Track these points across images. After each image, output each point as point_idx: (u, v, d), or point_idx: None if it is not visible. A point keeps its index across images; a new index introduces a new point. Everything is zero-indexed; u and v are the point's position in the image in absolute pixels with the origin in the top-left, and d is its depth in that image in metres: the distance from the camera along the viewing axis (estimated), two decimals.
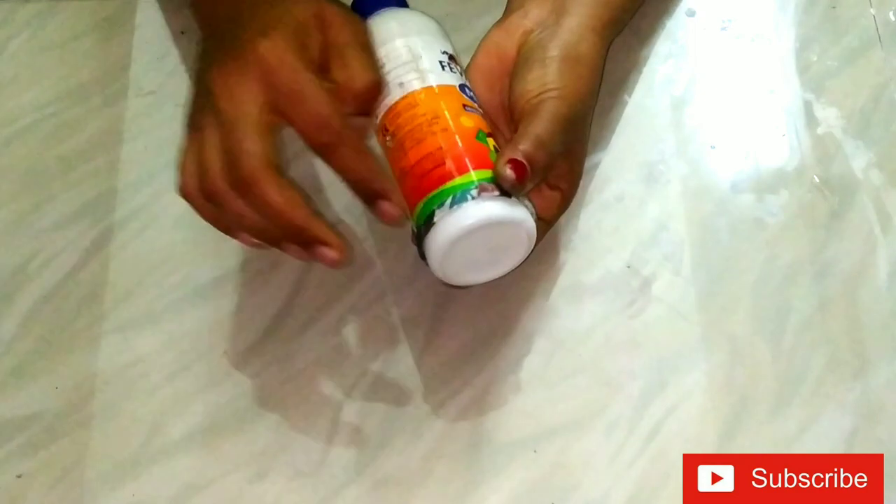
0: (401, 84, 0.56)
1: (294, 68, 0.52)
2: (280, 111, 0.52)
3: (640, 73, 0.69)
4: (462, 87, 0.57)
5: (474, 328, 0.60)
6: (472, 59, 0.60)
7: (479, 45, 0.60)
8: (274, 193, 0.51)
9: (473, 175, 0.53)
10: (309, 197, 0.56)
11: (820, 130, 0.66)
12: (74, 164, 0.66)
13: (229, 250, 0.63)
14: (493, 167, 0.54)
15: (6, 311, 0.61)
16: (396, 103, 0.56)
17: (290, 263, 0.62)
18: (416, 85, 0.56)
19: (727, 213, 0.64)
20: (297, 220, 0.52)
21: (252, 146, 0.51)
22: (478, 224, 0.53)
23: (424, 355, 0.60)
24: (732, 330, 0.60)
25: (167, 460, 0.57)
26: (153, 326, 0.61)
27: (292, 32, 0.53)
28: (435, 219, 0.53)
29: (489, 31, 0.60)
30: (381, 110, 0.56)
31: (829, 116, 0.67)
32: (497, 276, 0.57)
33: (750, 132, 0.67)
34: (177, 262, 0.63)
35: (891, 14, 0.70)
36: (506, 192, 0.53)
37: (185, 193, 0.54)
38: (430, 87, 0.56)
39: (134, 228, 0.64)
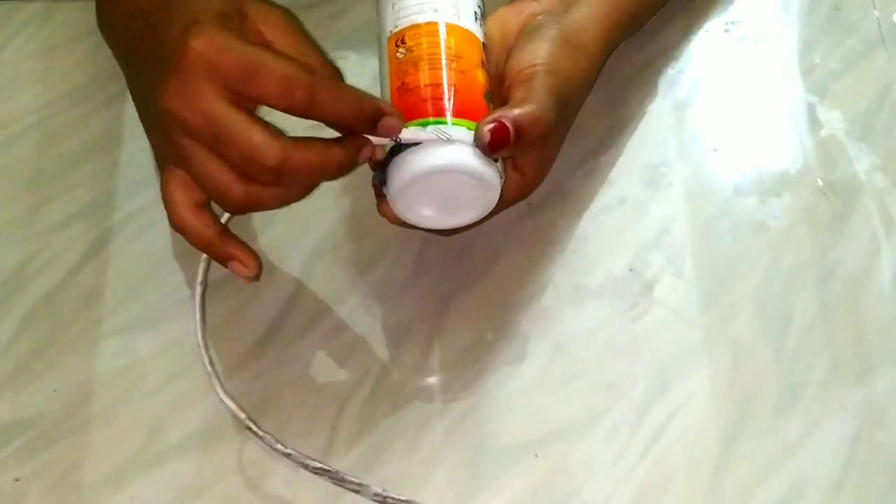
0: (435, 10, 0.55)
1: (235, 49, 0.49)
2: (246, 95, 0.50)
3: (643, 74, 0.68)
4: (483, 45, 0.57)
5: (475, 331, 0.60)
6: None
7: (486, 18, 0.60)
8: (313, 156, 0.51)
9: (465, 126, 0.53)
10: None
11: (823, 133, 0.66)
12: (73, 166, 0.66)
13: None
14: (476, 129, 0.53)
15: (4, 313, 0.61)
16: (426, 24, 0.55)
17: (290, 265, 0.62)
18: (450, 18, 0.56)
19: (730, 216, 0.64)
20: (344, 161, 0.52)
21: (260, 136, 0.49)
22: (447, 167, 0.53)
23: (424, 359, 0.59)
24: (735, 334, 0.60)
25: (166, 464, 0.57)
26: (152, 329, 0.60)
27: (217, 19, 0.50)
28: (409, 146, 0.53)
29: (499, 8, 0.61)
30: (405, 22, 0.55)
31: (832, 119, 0.66)
32: (445, 227, 0.57)
33: (753, 134, 0.67)
34: (176, 264, 0.62)
35: (895, 16, 0.70)
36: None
37: (180, 226, 0.54)
38: (463, 29, 0.56)
39: (133, 230, 0.64)
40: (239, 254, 0.55)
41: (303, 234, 0.63)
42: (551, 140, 0.58)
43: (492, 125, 0.53)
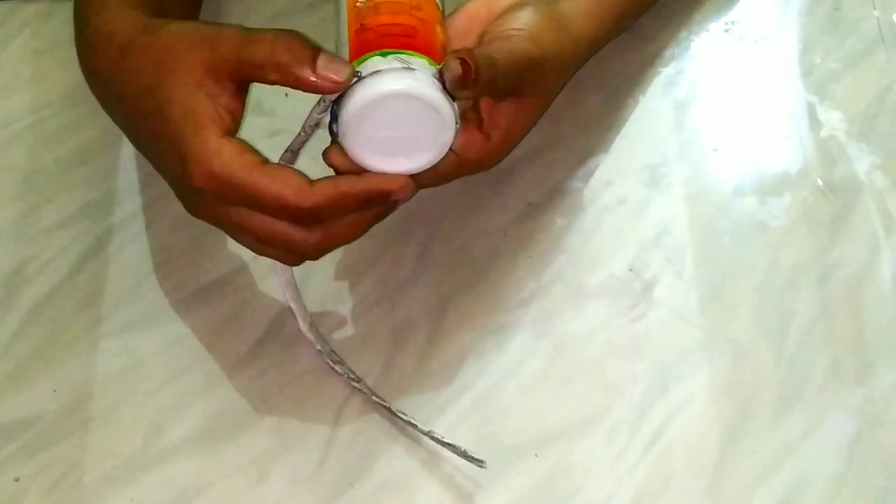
0: None
1: (235, 182, 0.51)
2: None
3: (643, 75, 0.68)
4: (441, 11, 0.57)
5: (474, 331, 0.60)
6: (462, 5, 0.59)
7: None
8: (343, 188, 0.52)
9: (426, 60, 0.52)
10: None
11: (823, 133, 0.66)
12: (73, 166, 0.66)
13: (228, 253, 0.62)
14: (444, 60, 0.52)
15: (4, 314, 0.61)
16: None
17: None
18: None
19: (730, 216, 0.64)
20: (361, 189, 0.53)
21: (277, 186, 0.51)
22: (405, 92, 0.51)
23: (425, 359, 0.59)
24: (735, 334, 0.60)
25: (166, 464, 0.57)
26: (152, 329, 0.60)
27: (206, 140, 0.52)
28: (363, 74, 0.52)
29: None
30: None
31: (832, 119, 0.66)
32: (396, 170, 0.54)
33: (753, 134, 0.67)
34: (175, 264, 0.62)
35: (895, 16, 0.70)
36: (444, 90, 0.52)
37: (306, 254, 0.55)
38: None
39: (133, 230, 0.64)
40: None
41: None
42: (522, 112, 0.57)
43: (461, 58, 0.52)
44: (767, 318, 0.60)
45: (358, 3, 0.55)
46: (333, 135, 0.54)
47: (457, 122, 0.53)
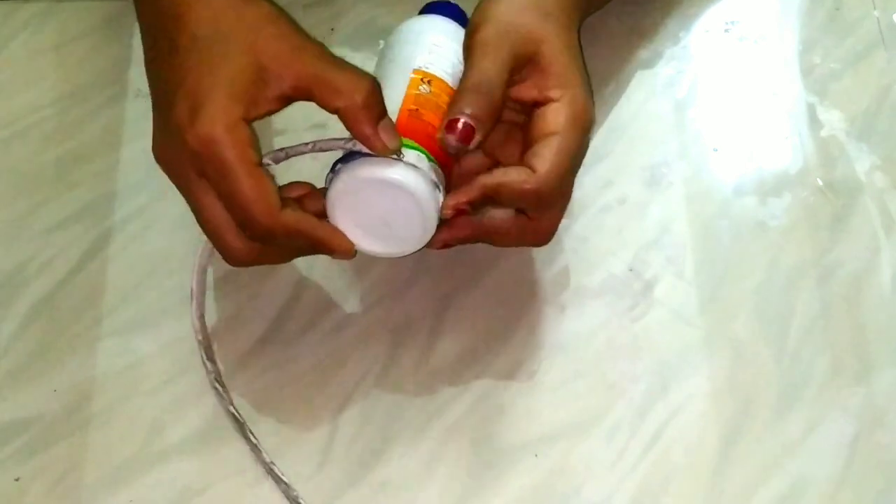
0: (453, 76, 0.57)
1: (221, 161, 0.51)
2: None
3: (643, 75, 0.68)
4: None
5: (475, 331, 0.60)
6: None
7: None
8: (305, 226, 0.53)
9: (424, 153, 0.54)
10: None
11: (823, 133, 0.66)
12: (73, 166, 0.66)
13: None
14: (438, 133, 0.54)
15: (4, 314, 0.61)
16: (448, 86, 0.57)
17: (289, 266, 0.62)
18: (451, 83, 0.57)
19: (730, 216, 0.64)
20: (311, 235, 0.54)
21: (253, 193, 0.51)
22: (392, 182, 0.53)
23: (425, 359, 0.59)
24: (735, 334, 0.60)
25: (165, 464, 0.57)
26: (152, 329, 0.60)
27: (224, 105, 0.51)
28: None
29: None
30: (436, 71, 0.57)
31: (832, 119, 0.66)
32: (371, 251, 0.56)
33: (753, 135, 0.67)
34: (175, 264, 0.62)
35: (894, 16, 0.70)
36: (434, 181, 0.54)
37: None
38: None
39: (133, 231, 0.64)
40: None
41: None
42: (552, 55, 0.56)
43: (447, 128, 0.53)
44: (767, 318, 0.60)
45: (421, 89, 0.56)
46: (327, 180, 0.55)
47: (438, 212, 0.55)
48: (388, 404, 0.58)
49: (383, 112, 0.53)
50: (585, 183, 0.64)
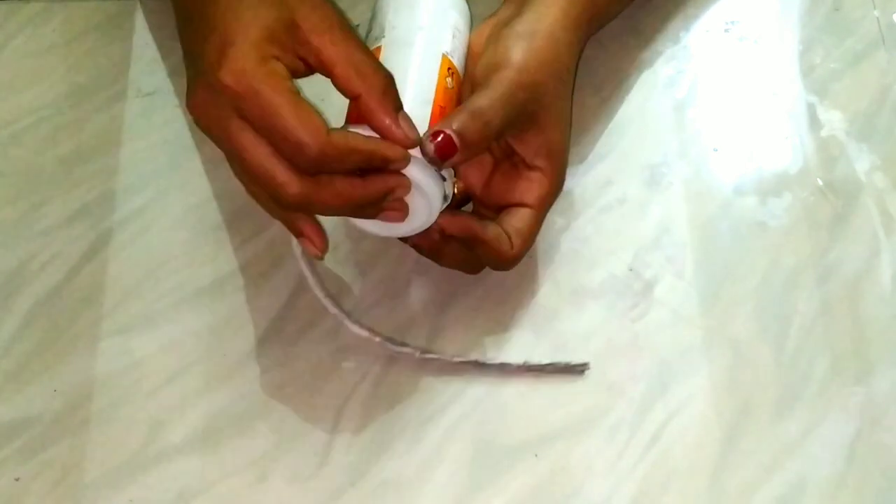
0: (461, 70, 0.58)
1: (257, 96, 0.50)
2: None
3: (643, 74, 0.68)
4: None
5: (475, 331, 0.60)
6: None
7: None
8: (358, 145, 0.52)
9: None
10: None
11: (823, 133, 0.66)
12: (73, 166, 0.66)
13: (229, 253, 0.62)
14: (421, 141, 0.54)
15: (5, 313, 0.61)
16: (461, 76, 0.58)
17: (290, 265, 0.62)
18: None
19: (730, 216, 0.64)
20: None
21: (298, 119, 0.50)
22: None
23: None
24: (735, 333, 0.60)
25: (166, 464, 0.57)
26: (152, 329, 0.60)
27: (256, 44, 0.50)
28: None
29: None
30: (457, 61, 0.58)
31: (832, 119, 0.66)
32: (390, 236, 0.58)
33: (753, 134, 0.67)
34: (176, 264, 0.62)
35: (894, 16, 0.70)
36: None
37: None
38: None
39: (133, 230, 0.64)
40: (309, 231, 0.56)
41: None
42: (540, 122, 0.58)
43: (432, 137, 0.53)
44: (767, 318, 0.60)
45: (448, 82, 0.57)
46: None
47: (447, 197, 0.56)
48: (387, 404, 0.58)
49: (400, 104, 0.53)
50: (585, 183, 0.64)
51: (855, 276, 0.61)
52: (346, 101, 0.54)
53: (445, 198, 0.56)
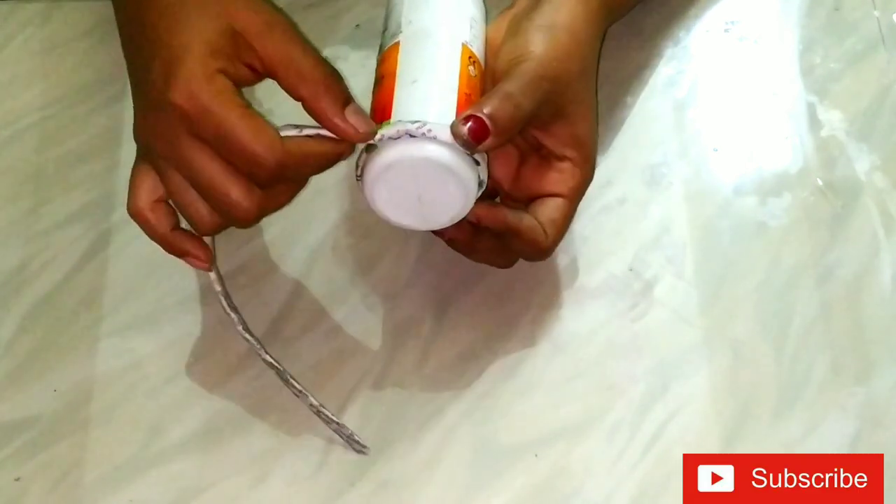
0: (482, 60, 0.58)
1: (209, 113, 0.50)
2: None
3: (643, 74, 0.68)
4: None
5: (475, 331, 0.60)
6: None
7: None
8: (312, 150, 0.52)
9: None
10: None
11: (823, 133, 0.66)
12: (73, 166, 0.66)
13: (228, 253, 0.62)
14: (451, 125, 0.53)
15: (4, 314, 0.61)
16: (482, 65, 0.57)
17: (290, 265, 0.62)
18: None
19: (730, 216, 0.64)
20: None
21: (251, 133, 0.50)
22: (420, 158, 0.53)
23: (425, 359, 0.59)
24: (735, 334, 0.60)
25: (165, 464, 0.57)
26: (152, 329, 0.60)
27: (202, 59, 0.50)
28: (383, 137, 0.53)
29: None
30: (477, 49, 0.57)
31: (832, 119, 0.66)
32: (425, 229, 0.56)
33: (753, 134, 0.67)
34: (176, 265, 0.62)
35: (894, 16, 0.70)
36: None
37: (136, 216, 0.54)
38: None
39: (133, 231, 0.62)
40: (191, 248, 0.55)
41: (302, 234, 0.63)
42: (567, 112, 0.57)
43: (465, 120, 0.52)
44: (767, 318, 0.60)
45: (471, 70, 0.56)
46: (360, 160, 0.54)
47: (483, 183, 0.55)
48: (388, 404, 0.58)
49: (347, 98, 0.53)
50: None
51: (855, 276, 0.61)
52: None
53: (481, 184, 0.55)
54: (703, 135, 0.67)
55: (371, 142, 0.53)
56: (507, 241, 0.57)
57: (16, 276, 0.62)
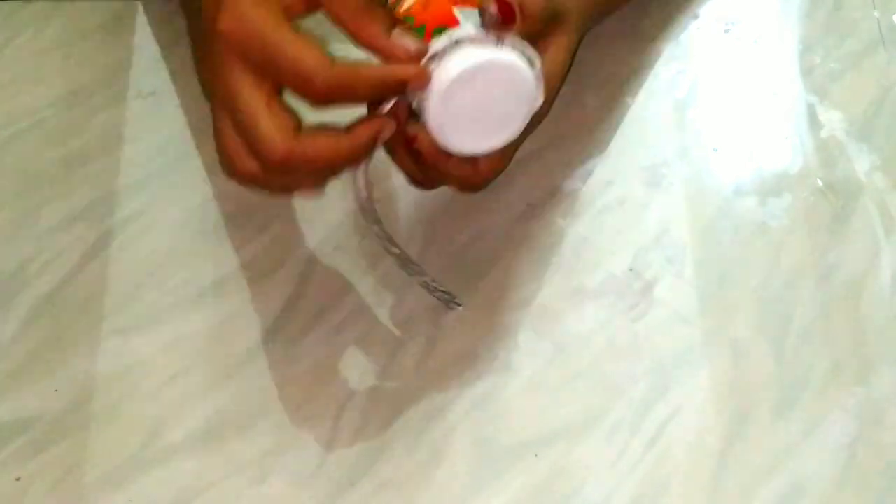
0: None
1: (258, 36, 0.49)
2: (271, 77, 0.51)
3: (643, 75, 0.69)
4: None
5: (475, 331, 0.60)
6: None
7: None
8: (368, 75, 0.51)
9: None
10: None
11: (823, 133, 0.66)
12: (74, 166, 0.66)
13: (229, 253, 0.62)
14: (481, 8, 0.52)
15: (5, 314, 0.61)
16: None
17: (290, 265, 0.62)
18: None
19: (730, 217, 0.64)
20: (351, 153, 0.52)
21: (299, 50, 0.50)
22: (484, 64, 0.51)
23: (425, 358, 0.59)
24: (735, 334, 0.60)
25: (167, 463, 0.57)
26: (153, 329, 0.60)
27: None
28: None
29: None
30: None
31: (832, 119, 0.66)
32: (491, 145, 0.54)
33: (753, 135, 0.67)
34: (177, 264, 0.62)
35: (894, 17, 0.70)
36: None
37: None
38: None
39: (134, 230, 0.64)
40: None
41: (303, 235, 0.63)
42: (558, 50, 0.57)
43: (495, 2, 0.52)
44: (767, 318, 0.60)
45: None
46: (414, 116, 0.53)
47: (533, 67, 0.53)
48: (388, 404, 0.58)
49: (393, 22, 0.52)
50: (586, 183, 0.65)
51: (855, 276, 0.61)
52: None
53: (536, 76, 0.53)
54: (703, 135, 0.67)
55: (425, 60, 0.51)
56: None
57: (17, 276, 0.62)
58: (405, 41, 0.51)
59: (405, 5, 0.54)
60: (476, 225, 0.63)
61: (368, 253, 0.63)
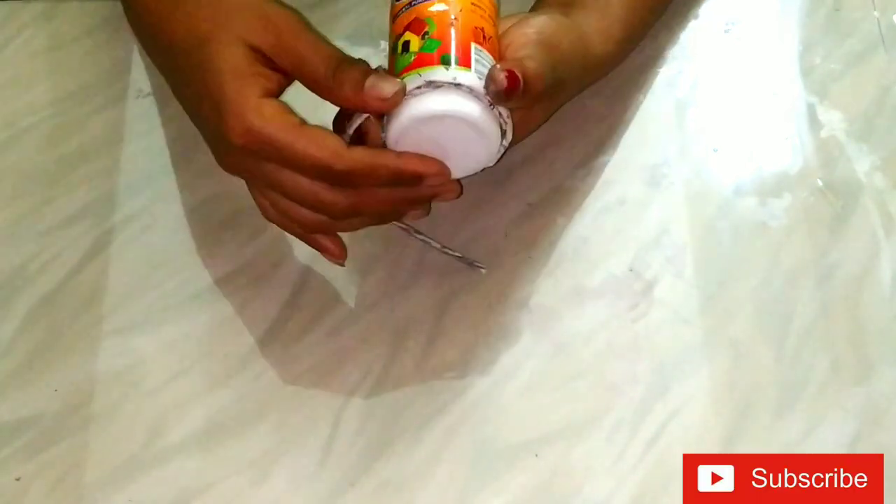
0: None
1: (270, 141, 0.53)
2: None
3: (643, 75, 0.68)
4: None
5: (475, 331, 0.60)
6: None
7: None
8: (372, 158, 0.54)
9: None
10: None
11: (823, 133, 0.66)
12: (74, 166, 0.66)
13: (229, 253, 0.62)
14: (489, 71, 0.53)
15: (6, 313, 0.61)
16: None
17: (290, 265, 0.62)
18: None
19: (730, 217, 0.64)
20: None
21: (313, 147, 0.53)
22: (442, 113, 0.53)
23: (425, 358, 0.59)
24: (735, 334, 0.60)
25: (166, 463, 0.57)
26: (153, 329, 0.60)
27: (241, 92, 0.53)
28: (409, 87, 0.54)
29: None
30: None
31: (832, 119, 0.66)
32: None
33: (753, 135, 0.67)
34: (177, 264, 0.62)
35: (894, 17, 0.70)
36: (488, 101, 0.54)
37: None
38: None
39: (134, 231, 0.64)
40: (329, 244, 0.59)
41: None
42: (531, 120, 0.59)
43: (508, 70, 0.53)
44: (767, 318, 0.60)
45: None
46: (385, 120, 0.55)
47: (503, 138, 0.55)
48: (388, 404, 0.58)
49: (365, 71, 0.54)
50: (586, 183, 0.64)
51: (855, 276, 0.61)
52: None
53: (503, 134, 0.55)
54: (703, 135, 0.67)
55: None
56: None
57: (17, 276, 0.62)
58: (379, 89, 0.53)
59: (434, 6, 0.55)
60: (476, 224, 0.63)
61: (367, 253, 0.63)
